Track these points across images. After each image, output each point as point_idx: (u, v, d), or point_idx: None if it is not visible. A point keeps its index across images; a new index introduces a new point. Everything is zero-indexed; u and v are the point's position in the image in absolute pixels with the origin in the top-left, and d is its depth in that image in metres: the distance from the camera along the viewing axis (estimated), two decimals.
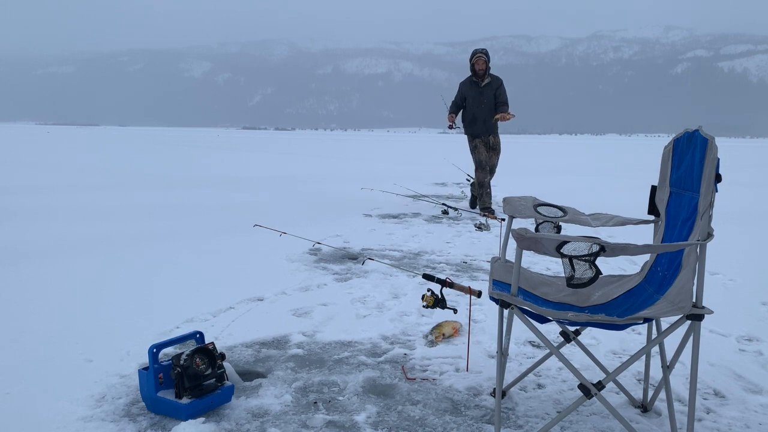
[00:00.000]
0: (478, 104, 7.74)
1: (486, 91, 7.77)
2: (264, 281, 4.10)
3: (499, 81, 7.87)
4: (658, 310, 1.85)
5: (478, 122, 7.76)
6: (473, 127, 7.81)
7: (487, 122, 7.76)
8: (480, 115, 7.73)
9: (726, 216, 7.46)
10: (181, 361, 2.16)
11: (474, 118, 7.79)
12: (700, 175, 1.88)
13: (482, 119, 7.72)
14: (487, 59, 7.79)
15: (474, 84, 7.81)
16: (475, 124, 7.80)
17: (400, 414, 2.24)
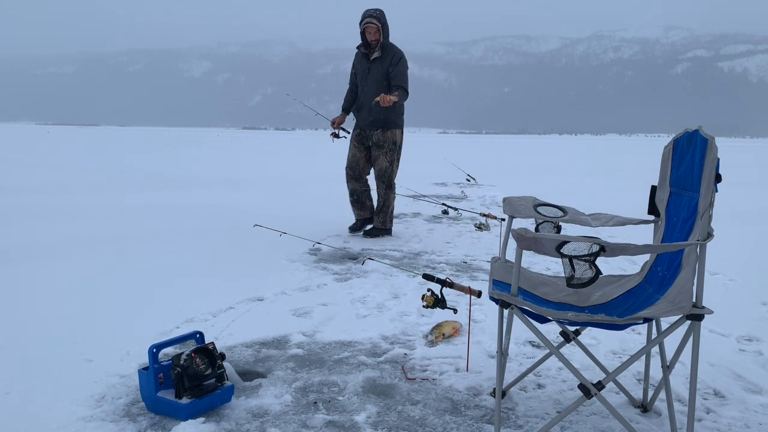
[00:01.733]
0: (364, 84, 5.79)
1: (374, 68, 5.69)
2: (264, 281, 4.10)
3: (395, 54, 5.70)
4: (658, 310, 1.85)
5: (363, 109, 5.81)
6: (358, 115, 5.92)
7: (372, 111, 5.68)
8: (365, 101, 5.76)
9: (726, 216, 7.46)
10: (181, 361, 2.16)
11: (359, 103, 5.87)
12: (700, 175, 1.88)
13: (367, 106, 5.73)
14: (380, 26, 5.63)
15: (364, 57, 5.81)
16: (359, 112, 5.88)
17: (400, 414, 2.24)
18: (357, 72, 5.90)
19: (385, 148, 5.75)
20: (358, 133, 5.89)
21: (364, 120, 5.80)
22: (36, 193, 9.31)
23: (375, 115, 5.70)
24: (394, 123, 5.76)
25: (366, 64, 5.77)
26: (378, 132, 5.74)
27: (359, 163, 5.86)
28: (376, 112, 5.67)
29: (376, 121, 5.72)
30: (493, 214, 6.87)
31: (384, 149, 5.75)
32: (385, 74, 5.67)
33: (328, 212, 7.56)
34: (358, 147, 5.87)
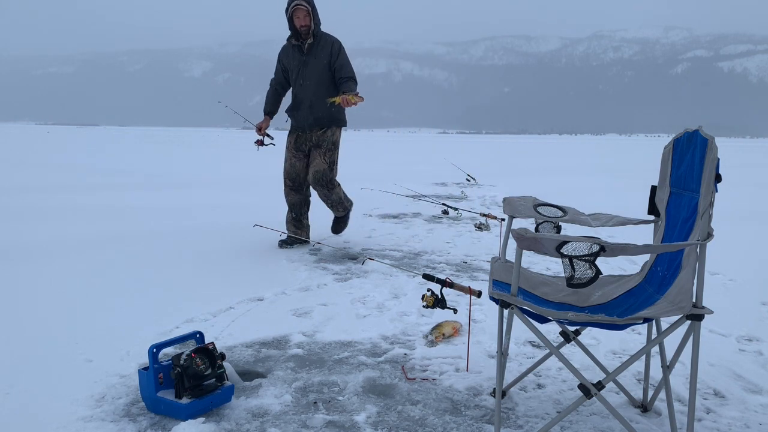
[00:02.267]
0: (301, 79, 5.07)
1: (312, 61, 5.02)
2: (264, 281, 4.10)
3: (334, 43, 5.05)
4: (658, 310, 1.85)
5: (302, 107, 5.09)
6: (295, 114, 5.18)
7: (314, 108, 5.01)
8: (304, 97, 5.06)
9: (726, 216, 7.45)
10: (181, 361, 2.16)
11: (296, 101, 5.16)
12: (700, 175, 1.88)
13: (307, 104, 5.04)
14: (310, 9, 4.93)
15: (296, 50, 5.07)
16: (297, 110, 5.14)
17: (400, 414, 2.24)
18: (288, 67, 5.12)
19: (324, 147, 5.06)
20: (295, 139, 5.14)
21: (304, 120, 5.06)
22: (36, 193, 9.31)
23: (318, 114, 5.03)
24: (337, 120, 5.11)
25: (300, 57, 5.02)
26: (317, 130, 5.09)
27: (300, 173, 5.14)
28: (319, 110, 5.01)
29: (320, 120, 5.06)
30: (493, 214, 6.87)
31: (322, 149, 5.06)
32: (326, 66, 5.00)
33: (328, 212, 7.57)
34: (297, 155, 5.15)
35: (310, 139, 5.09)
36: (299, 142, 5.14)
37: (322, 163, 5.01)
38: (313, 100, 5.00)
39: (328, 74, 5.03)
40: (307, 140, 5.12)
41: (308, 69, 5.01)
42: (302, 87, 5.05)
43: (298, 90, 5.10)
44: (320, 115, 5.02)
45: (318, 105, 4.98)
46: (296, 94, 5.12)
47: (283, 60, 5.21)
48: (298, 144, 5.14)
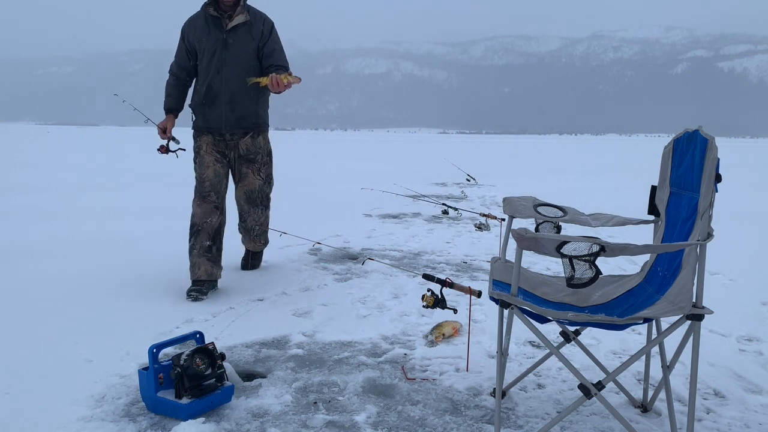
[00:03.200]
0: (219, 65, 3.81)
1: (236, 41, 3.82)
2: (264, 281, 4.10)
3: (265, 22, 3.96)
4: (658, 310, 1.85)
5: (218, 102, 3.85)
6: (206, 112, 3.89)
7: (235, 105, 3.86)
8: (222, 89, 3.83)
9: (726, 216, 7.46)
10: (181, 361, 2.16)
11: (210, 94, 3.86)
12: (700, 175, 1.88)
13: (227, 97, 3.84)
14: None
15: (212, 24, 3.84)
16: (210, 107, 3.87)
17: (400, 414, 2.24)
18: (199, 47, 3.84)
19: (259, 161, 4.03)
20: (213, 141, 3.90)
21: (221, 120, 3.84)
22: (36, 193, 9.31)
23: (241, 112, 3.86)
24: (265, 123, 4.07)
25: (218, 35, 3.79)
26: (247, 139, 3.94)
27: (222, 185, 3.91)
28: (242, 108, 3.85)
29: (243, 122, 3.89)
30: (493, 214, 6.87)
31: (256, 164, 4.03)
32: (253, 52, 3.85)
33: (328, 212, 7.57)
34: (221, 160, 3.92)
35: (231, 146, 3.94)
36: (218, 145, 3.92)
37: (256, 179, 4.06)
38: (234, 95, 3.80)
39: (256, 63, 3.87)
40: (228, 146, 3.93)
41: (230, 53, 3.78)
42: (220, 77, 3.78)
43: (213, 80, 3.80)
44: (244, 114, 3.87)
45: (241, 101, 3.84)
46: (210, 86, 3.81)
47: (190, 37, 3.86)
48: (218, 147, 3.92)
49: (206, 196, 3.82)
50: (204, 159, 3.87)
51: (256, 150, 4.03)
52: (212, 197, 3.83)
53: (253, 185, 4.10)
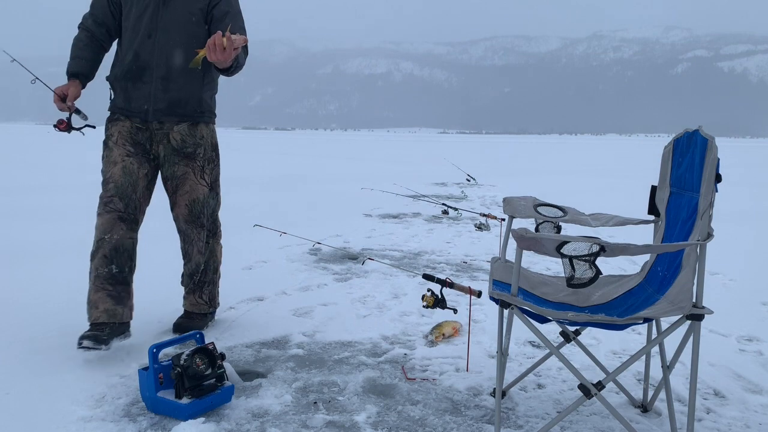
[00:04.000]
0: (151, 27, 2.83)
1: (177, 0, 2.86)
2: (264, 281, 4.10)
3: None
4: (658, 310, 1.85)
5: (146, 78, 2.84)
6: (129, 88, 2.87)
7: (170, 82, 2.85)
8: (154, 60, 2.82)
9: (726, 216, 7.46)
10: (181, 361, 2.16)
11: (137, 65, 2.84)
12: (700, 175, 1.88)
13: (160, 71, 2.83)
14: None
15: None
16: (135, 82, 2.86)
17: (400, 414, 2.24)
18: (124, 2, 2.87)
19: (200, 159, 2.93)
20: (130, 129, 2.86)
21: (151, 101, 2.82)
22: (37, 193, 9.32)
23: (177, 94, 2.83)
24: (211, 113, 3.00)
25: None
26: (183, 127, 2.88)
27: (137, 188, 2.85)
28: (179, 87, 2.83)
29: (179, 106, 2.85)
30: (493, 214, 6.87)
31: (198, 160, 2.92)
32: (199, 14, 2.86)
33: (328, 212, 7.57)
34: (135, 155, 2.85)
35: (157, 139, 2.87)
36: (136, 136, 2.85)
37: (199, 186, 2.92)
38: (171, 70, 2.78)
39: (202, 30, 2.86)
40: (153, 138, 2.86)
41: (168, 12, 2.80)
42: (151, 43, 2.77)
43: (141, 47, 2.77)
44: (181, 97, 2.82)
45: (179, 79, 2.80)
46: (138, 54, 2.77)
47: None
48: (135, 137, 2.84)
49: (108, 202, 2.75)
50: (112, 152, 2.81)
51: (195, 142, 2.87)
52: (116, 204, 2.74)
53: (195, 193, 2.90)
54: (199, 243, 3.03)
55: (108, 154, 2.86)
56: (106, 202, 2.80)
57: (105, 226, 2.78)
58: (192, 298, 3.14)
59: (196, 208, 2.96)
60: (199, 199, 2.96)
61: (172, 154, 2.90)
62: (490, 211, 7.69)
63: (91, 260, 2.79)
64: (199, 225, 3.00)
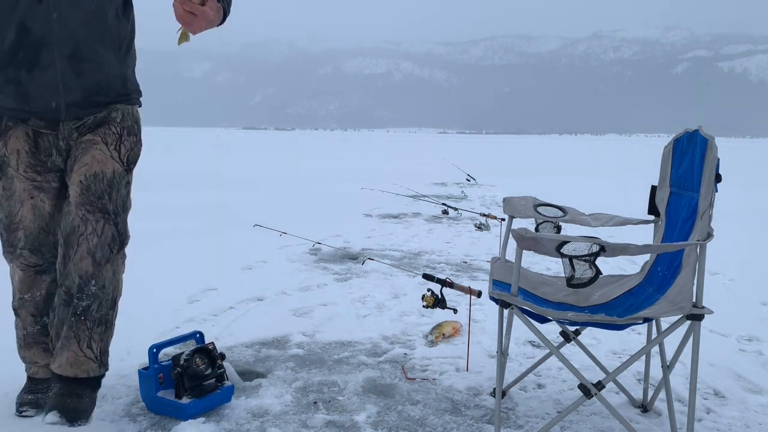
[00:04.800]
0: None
1: None
2: (264, 281, 4.10)
3: None
4: (658, 310, 1.85)
5: (45, 59, 1.89)
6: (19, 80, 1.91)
7: (82, 59, 1.93)
8: (55, 33, 1.87)
9: (726, 216, 7.45)
10: (181, 361, 2.16)
11: (26, 44, 1.88)
12: (700, 175, 1.88)
13: (66, 48, 1.90)
14: None
15: None
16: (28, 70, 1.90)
17: (400, 414, 2.24)
18: None
19: (115, 125, 2.07)
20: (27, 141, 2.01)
21: (60, 92, 1.95)
22: None
23: (94, 73, 1.99)
24: (136, 89, 2.19)
25: None
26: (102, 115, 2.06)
27: (50, 224, 2.09)
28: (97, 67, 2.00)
29: (99, 91, 2.02)
30: (493, 214, 6.87)
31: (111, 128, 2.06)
32: None
33: (328, 212, 7.57)
34: (43, 184, 2.06)
35: (68, 143, 2.04)
36: (42, 153, 2.04)
37: (108, 158, 2.04)
38: (78, 41, 1.95)
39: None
40: (61, 150, 2.04)
41: None
42: (45, 6, 1.89)
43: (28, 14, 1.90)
44: (100, 78, 2.01)
45: (92, 52, 1.98)
46: (25, 26, 1.91)
47: None
48: (40, 156, 2.04)
49: (19, 255, 2.04)
50: (13, 184, 2.00)
51: (113, 121, 2.04)
52: (28, 258, 2.05)
53: (101, 165, 1.99)
54: (92, 240, 1.95)
55: (7, 185, 2.01)
56: (18, 255, 2.06)
57: (23, 284, 2.11)
58: (68, 351, 2.02)
59: (98, 185, 1.96)
60: (105, 173, 1.97)
61: (86, 143, 2.01)
62: (490, 211, 7.69)
63: (16, 315, 2.17)
64: (99, 209, 1.96)
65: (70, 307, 2.07)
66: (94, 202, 1.98)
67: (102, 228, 1.97)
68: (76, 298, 2.00)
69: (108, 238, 2.00)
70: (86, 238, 1.98)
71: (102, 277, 2.05)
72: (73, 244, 2.02)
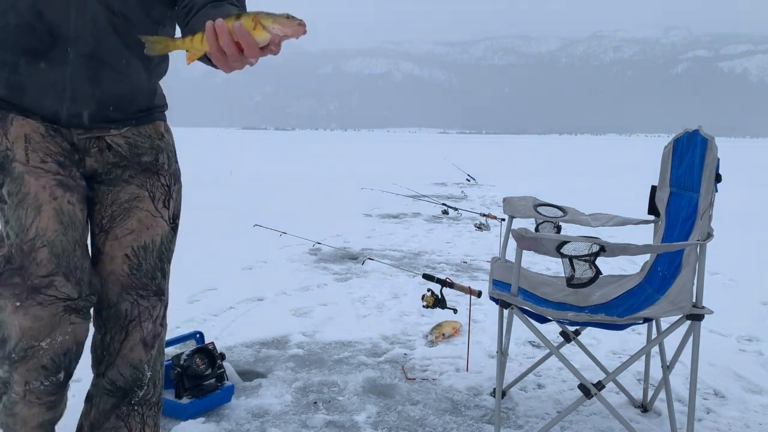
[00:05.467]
0: None
1: None
2: (264, 281, 4.10)
3: None
4: (658, 310, 1.85)
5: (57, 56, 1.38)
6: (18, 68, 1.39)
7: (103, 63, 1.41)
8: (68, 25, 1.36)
9: (726, 216, 7.46)
10: (181, 361, 2.16)
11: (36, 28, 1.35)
12: (700, 175, 1.88)
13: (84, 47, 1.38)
14: None
15: None
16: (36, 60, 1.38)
17: (400, 414, 2.24)
18: None
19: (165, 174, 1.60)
20: (44, 133, 1.43)
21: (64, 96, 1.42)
22: None
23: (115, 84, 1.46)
24: (164, 102, 1.68)
25: None
26: (127, 130, 1.54)
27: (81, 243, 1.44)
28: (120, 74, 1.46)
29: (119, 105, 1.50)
30: (493, 214, 6.87)
31: (160, 178, 1.59)
32: None
33: (328, 212, 7.57)
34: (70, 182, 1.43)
35: (85, 145, 1.50)
36: (62, 137, 1.46)
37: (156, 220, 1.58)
38: (101, 41, 1.41)
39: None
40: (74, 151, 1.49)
41: None
42: None
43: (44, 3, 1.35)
44: (122, 91, 1.49)
45: (117, 58, 1.45)
46: (40, 13, 1.35)
47: None
48: (61, 141, 1.46)
49: (41, 286, 1.36)
50: (24, 186, 1.39)
51: (153, 145, 1.59)
52: (60, 286, 1.38)
53: (149, 233, 1.57)
54: (147, 327, 1.59)
55: (13, 189, 1.38)
56: (36, 287, 1.35)
57: (40, 326, 1.37)
58: None
59: (149, 261, 1.57)
60: (154, 242, 1.57)
61: (114, 167, 1.53)
62: (490, 211, 7.69)
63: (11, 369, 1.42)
64: (154, 293, 1.59)
65: (116, 398, 1.65)
66: (148, 285, 1.57)
67: (157, 312, 1.60)
68: (128, 390, 1.64)
69: (160, 317, 1.62)
70: (139, 326, 1.58)
71: (154, 358, 1.65)
72: (118, 330, 1.60)
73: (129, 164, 1.54)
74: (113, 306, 1.57)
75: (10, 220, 1.38)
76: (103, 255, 1.55)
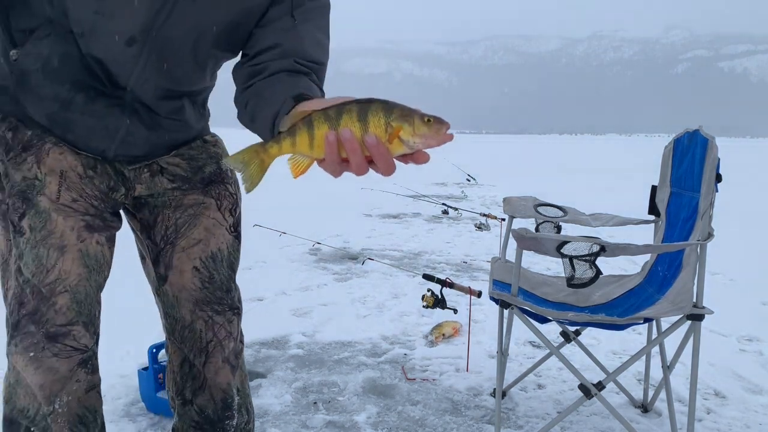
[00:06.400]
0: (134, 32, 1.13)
1: None
2: (264, 281, 4.10)
3: None
4: (658, 310, 1.85)
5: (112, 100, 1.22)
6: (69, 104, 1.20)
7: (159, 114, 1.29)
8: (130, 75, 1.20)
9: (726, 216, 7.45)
10: None
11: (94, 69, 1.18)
12: (700, 175, 1.88)
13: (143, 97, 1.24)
14: None
15: None
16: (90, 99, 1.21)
17: (400, 414, 2.24)
18: None
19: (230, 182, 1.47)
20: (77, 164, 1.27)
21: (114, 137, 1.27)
22: None
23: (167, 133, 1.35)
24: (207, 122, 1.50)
25: None
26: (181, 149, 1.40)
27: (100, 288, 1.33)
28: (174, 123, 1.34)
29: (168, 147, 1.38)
30: (494, 214, 6.87)
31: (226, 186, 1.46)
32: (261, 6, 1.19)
33: (328, 212, 7.57)
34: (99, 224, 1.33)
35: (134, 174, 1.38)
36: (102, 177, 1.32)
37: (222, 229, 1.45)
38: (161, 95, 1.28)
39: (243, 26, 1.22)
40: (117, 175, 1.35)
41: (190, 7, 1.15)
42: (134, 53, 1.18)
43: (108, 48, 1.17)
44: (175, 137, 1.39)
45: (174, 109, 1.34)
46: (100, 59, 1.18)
47: None
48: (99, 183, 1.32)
49: (66, 335, 1.21)
50: (49, 224, 1.22)
51: (212, 153, 1.46)
52: (82, 335, 1.24)
53: (216, 242, 1.44)
54: (228, 346, 1.46)
55: (36, 224, 1.23)
56: (53, 335, 1.21)
57: (55, 381, 1.21)
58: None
59: (221, 272, 1.46)
60: (221, 252, 1.45)
61: (174, 191, 1.42)
62: (490, 211, 7.69)
63: None
64: (230, 307, 1.47)
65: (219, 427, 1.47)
66: (223, 299, 1.44)
67: (235, 328, 1.46)
68: (216, 421, 1.45)
69: (239, 334, 1.48)
70: (220, 346, 1.44)
71: (241, 380, 1.51)
72: (197, 352, 1.47)
73: (191, 186, 1.40)
74: (187, 326, 1.45)
75: (24, 256, 1.21)
76: (172, 270, 1.43)
